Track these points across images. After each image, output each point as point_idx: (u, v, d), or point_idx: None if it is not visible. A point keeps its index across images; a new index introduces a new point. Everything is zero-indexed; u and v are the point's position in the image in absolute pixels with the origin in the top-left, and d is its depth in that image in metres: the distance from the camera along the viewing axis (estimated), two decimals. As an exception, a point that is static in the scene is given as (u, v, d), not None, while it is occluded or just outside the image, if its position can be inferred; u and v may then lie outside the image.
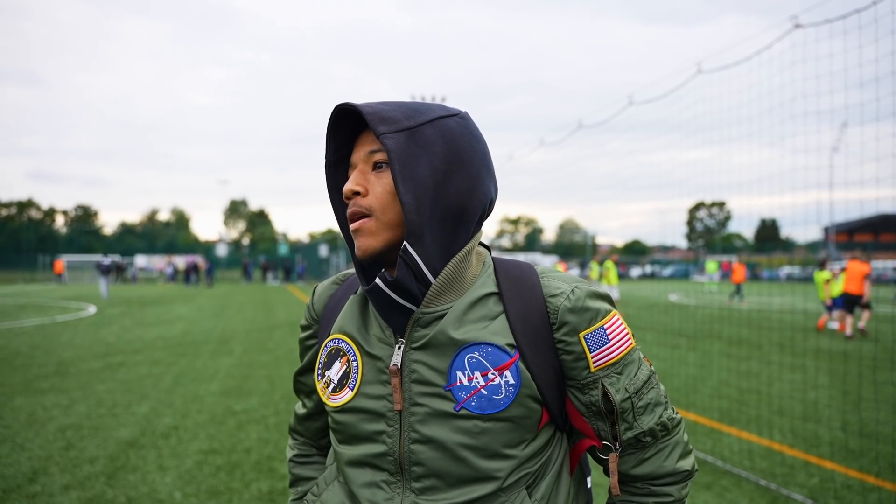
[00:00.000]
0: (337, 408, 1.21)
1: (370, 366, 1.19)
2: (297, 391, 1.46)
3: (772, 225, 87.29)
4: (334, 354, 1.24)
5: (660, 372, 9.21)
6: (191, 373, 9.01)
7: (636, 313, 19.97)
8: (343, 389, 1.20)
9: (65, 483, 4.62)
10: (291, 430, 1.52)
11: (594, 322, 1.16)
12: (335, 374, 1.23)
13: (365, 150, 1.15)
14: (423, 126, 1.12)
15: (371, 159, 1.14)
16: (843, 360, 10.09)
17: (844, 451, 5.39)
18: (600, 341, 1.16)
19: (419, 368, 1.14)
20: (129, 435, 5.84)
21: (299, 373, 1.43)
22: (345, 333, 1.24)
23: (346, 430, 1.20)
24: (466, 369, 1.12)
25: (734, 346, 11.95)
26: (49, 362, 9.79)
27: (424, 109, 1.15)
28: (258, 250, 77.04)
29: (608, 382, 1.16)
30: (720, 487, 4.64)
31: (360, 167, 1.15)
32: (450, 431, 1.12)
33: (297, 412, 1.48)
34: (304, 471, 1.48)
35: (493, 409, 1.11)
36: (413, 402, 1.14)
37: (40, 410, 6.74)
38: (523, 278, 1.20)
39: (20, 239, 63.29)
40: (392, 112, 1.11)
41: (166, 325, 15.42)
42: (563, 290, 1.17)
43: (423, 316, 1.15)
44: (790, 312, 19.49)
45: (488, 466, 1.13)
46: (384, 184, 1.12)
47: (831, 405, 7.11)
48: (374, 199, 1.12)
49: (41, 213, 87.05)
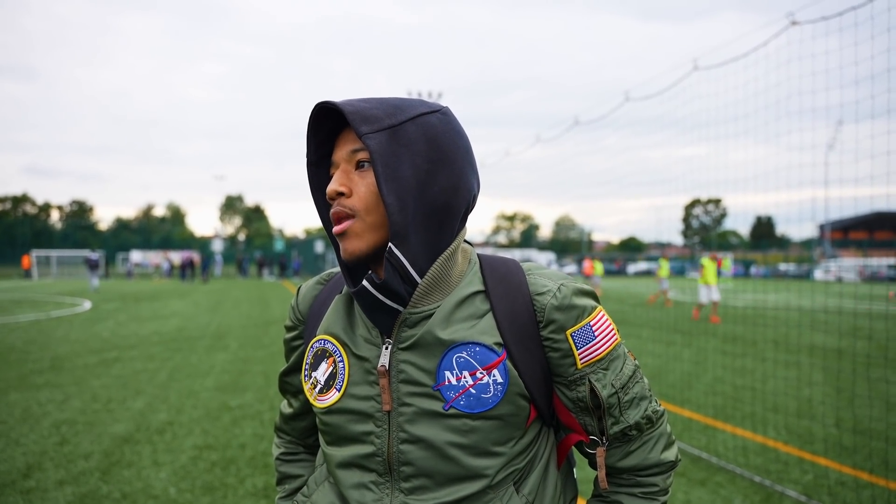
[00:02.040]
0: (324, 409, 1.21)
1: (357, 367, 1.18)
2: (282, 391, 1.45)
3: (767, 222, 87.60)
4: (320, 355, 1.23)
5: (655, 368, 9.23)
6: (186, 368, 9.00)
7: (631, 310, 20.01)
8: (330, 391, 1.20)
9: (59, 478, 4.62)
10: (277, 429, 1.51)
11: (581, 319, 1.17)
12: (321, 375, 1.22)
13: (347, 148, 1.14)
14: (406, 124, 1.11)
15: (353, 158, 1.13)
16: (838, 358, 10.13)
17: (838, 448, 5.41)
18: (587, 338, 1.17)
19: (407, 368, 1.15)
20: (124, 430, 5.84)
21: (285, 373, 1.41)
22: (331, 334, 1.23)
23: (334, 432, 1.20)
24: (455, 369, 1.13)
25: (729, 342, 11.98)
26: (44, 357, 9.77)
27: (406, 106, 1.14)
28: (254, 246, 76.94)
29: (595, 378, 1.17)
30: (714, 484, 4.65)
31: (342, 167, 1.14)
32: (439, 430, 1.13)
33: (283, 411, 1.47)
34: (291, 468, 1.47)
35: (482, 407, 1.12)
36: (401, 403, 1.15)
37: (35, 406, 6.73)
38: (509, 276, 1.21)
39: (15, 234, 63.11)
40: (373, 110, 1.10)
41: (161, 321, 15.40)
42: (550, 288, 1.18)
43: (410, 316, 1.15)
44: (784, 309, 19.54)
45: (477, 464, 1.14)
46: (367, 183, 1.11)
47: (825, 402, 7.13)
48: (357, 199, 1.11)
49: (36, 208, 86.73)
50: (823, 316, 15.70)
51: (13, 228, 68.31)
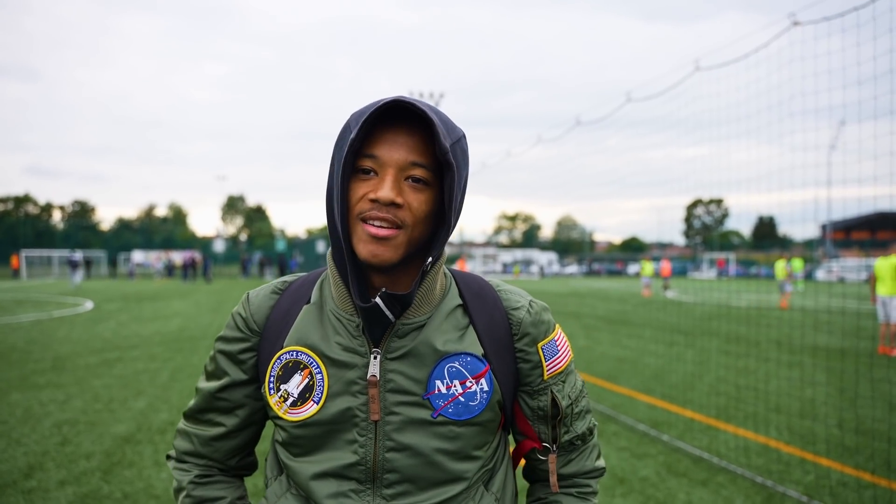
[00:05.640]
0: (299, 422, 1.19)
1: (336, 378, 1.18)
2: (205, 410, 1.31)
3: (769, 222, 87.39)
4: (292, 367, 1.20)
5: (657, 368, 9.23)
6: (187, 368, 9.00)
7: (633, 310, 19.99)
8: (306, 403, 1.18)
9: (61, 478, 4.62)
10: (185, 454, 1.33)
11: (548, 334, 1.28)
12: (294, 387, 1.20)
13: (405, 157, 1.08)
14: (454, 145, 1.11)
15: (410, 171, 1.08)
16: (840, 358, 10.11)
17: (840, 449, 5.40)
18: (553, 351, 1.28)
19: (396, 378, 1.17)
20: (126, 430, 5.84)
21: (221, 389, 1.28)
22: (306, 346, 1.20)
23: (308, 443, 1.20)
24: (446, 378, 1.18)
25: (731, 343, 11.96)
26: (45, 358, 9.78)
27: (450, 124, 1.14)
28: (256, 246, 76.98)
29: (556, 389, 1.28)
30: (716, 484, 4.64)
31: (394, 175, 1.08)
32: (426, 438, 1.17)
33: (201, 434, 1.31)
34: (209, 491, 1.31)
35: (469, 414, 1.19)
36: (389, 412, 1.16)
37: (36, 406, 6.73)
38: (483, 292, 1.28)
39: (17, 234, 63.13)
40: (441, 125, 1.08)
41: (163, 321, 15.41)
42: (523, 304, 1.27)
43: (402, 327, 1.17)
44: (788, 309, 19.51)
45: (459, 468, 1.19)
46: (421, 200, 1.09)
47: (828, 402, 7.12)
48: (409, 213, 1.09)
49: (38, 208, 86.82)
50: (826, 316, 15.67)
51: (15, 229, 68.33)
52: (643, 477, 4.81)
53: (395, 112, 1.10)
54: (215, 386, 1.29)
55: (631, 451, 5.40)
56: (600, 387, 8.02)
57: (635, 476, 4.83)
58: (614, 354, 10.75)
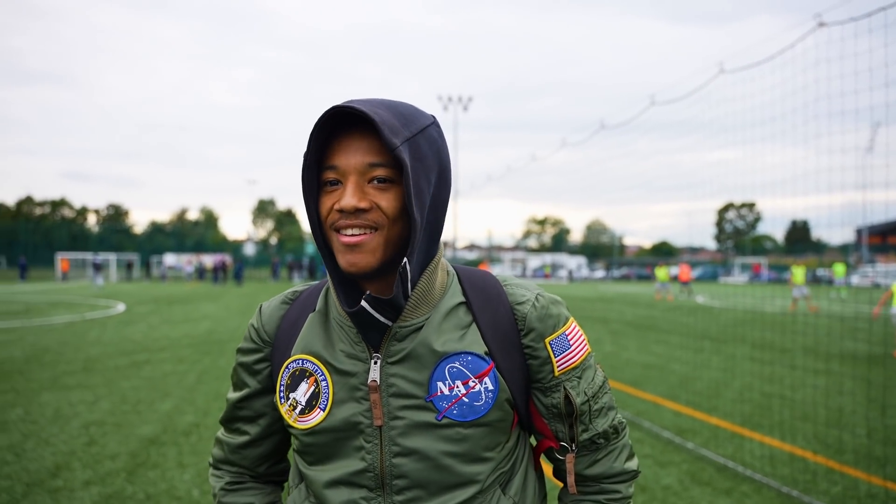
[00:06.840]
0: (307, 430, 1.19)
1: (341, 384, 1.18)
2: (231, 419, 1.36)
3: (803, 226, 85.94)
4: (299, 376, 1.22)
5: (682, 375, 9.12)
6: (214, 371, 9.11)
7: (661, 315, 19.78)
8: (313, 410, 1.19)
9: (86, 479, 4.70)
10: (219, 462, 1.39)
11: (557, 328, 1.22)
12: (302, 395, 1.21)
13: (361, 160, 1.07)
14: (417, 137, 1.09)
15: (370, 173, 1.07)
16: (870, 366, 9.90)
17: (869, 459, 5.28)
18: (563, 346, 1.22)
19: (398, 382, 1.16)
20: (151, 432, 5.93)
21: (241, 399, 1.33)
22: (311, 353, 1.21)
23: (319, 451, 1.20)
24: (447, 379, 1.15)
25: (760, 349, 11.77)
26: (77, 359, 9.98)
27: (409, 115, 1.11)
28: (286, 249, 77.69)
29: (570, 386, 1.22)
30: (740, 493, 4.57)
31: (355, 180, 1.08)
32: (432, 441, 1.14)
33: (230, 441, 1.36)
34: (239, 497, 1.36)
35: (475, 415, 1.15)
36: (393, 416, 1.16)
37: (66, 406, 6.86)
38: (488, 287, 1.24)
39: (53, 238, 64.43)
40: (392, 120, 1.06)
41: (192, 324, 15.62)
42: (529, 298, 1.23)
43: (400, 330, 1.16)
44: (816, 315, 19.16)
45: (470, 471, 1.16)
46: (389, 199, 1.08)
47: (856, 411, 6.97)
48: (380, 214, 1.08)
49: (74, 211, 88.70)
50: (860, 323, 15.35)
51: (52, 232, 69.77)
52: (666, 485, 4.75)
53: (349, 118, 1.10)
54: (237, 396, 1.34)
55: (654, 459, 5.34)
56: (626, 393, 7.94)
57: (658, 484, 4.77)
58: (641, 360, 10.65)
